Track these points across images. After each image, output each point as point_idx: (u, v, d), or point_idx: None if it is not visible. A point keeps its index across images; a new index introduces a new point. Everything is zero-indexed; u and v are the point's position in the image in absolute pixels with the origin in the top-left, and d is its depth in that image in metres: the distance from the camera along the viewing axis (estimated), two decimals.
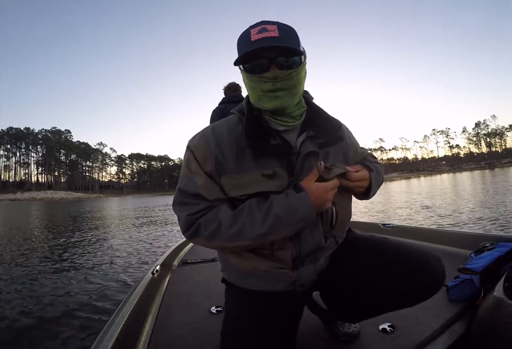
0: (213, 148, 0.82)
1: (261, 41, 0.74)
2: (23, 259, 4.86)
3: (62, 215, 16.19)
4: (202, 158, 0.83)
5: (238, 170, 0.81)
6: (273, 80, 0.76)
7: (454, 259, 1.58)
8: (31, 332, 2.25)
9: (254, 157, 0.80)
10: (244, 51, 0.75)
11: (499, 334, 0.95)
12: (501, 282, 1.07)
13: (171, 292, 1.76)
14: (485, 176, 26.46)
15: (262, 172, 0.80)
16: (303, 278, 0.88)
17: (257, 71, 0.78)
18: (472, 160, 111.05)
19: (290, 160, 0.82)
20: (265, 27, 0.75)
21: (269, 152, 0.80)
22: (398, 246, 0.88)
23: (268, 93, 0.78)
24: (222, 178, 0.82)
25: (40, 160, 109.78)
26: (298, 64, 0.79)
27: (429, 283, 0.82)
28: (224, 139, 0.83)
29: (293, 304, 0.91)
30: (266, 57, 0.76)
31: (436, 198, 11.29)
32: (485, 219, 5.77)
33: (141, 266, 4.04)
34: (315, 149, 0.83)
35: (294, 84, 0.79)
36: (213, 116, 2.27)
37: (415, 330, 1.11)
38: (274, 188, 0.79)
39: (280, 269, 0.86)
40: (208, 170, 0.82)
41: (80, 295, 2.98)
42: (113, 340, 0.99)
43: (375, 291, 0.86)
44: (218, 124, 0.89)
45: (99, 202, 30.90)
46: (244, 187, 0.80)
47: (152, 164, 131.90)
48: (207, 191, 0.82)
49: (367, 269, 0.86)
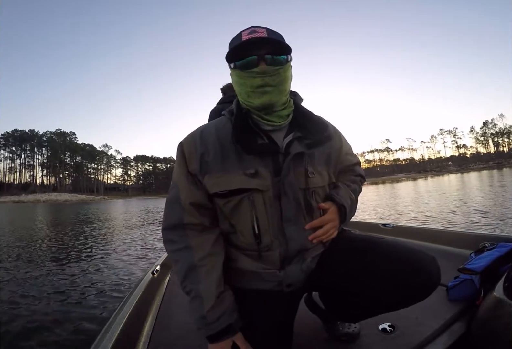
0: (199, 147, 0.87)
1: (251, 40, 0.80)
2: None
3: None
4: (188, 157, 0.88)
5: (222, 169, 0.84)
6: (262, 75, 0.81)
7: (454, 259, 1.57)
8: (30, 332, 2.25)
9: (238, 156, 0.84)
10: (236, 49, 0.82)
11: (499, 334, 0.95)
12: (501, 282, 1.07)
13: (171, 292, 1.76)
14: (499, 176, 25.56)
15: (244, 171, 0.83)
16: (289, 278, 0.87)
17: (247, 67, 0.83)
18: (480, 160, 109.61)
19: (276, 160, 0.84)
20: (255, 29, 0.83)
21: (254, 151, 0.83)
22: (391, 246, 0.87)
23: (257, 89, 0.83)
24: (206, 177, 0.86)
25: (45, 162, 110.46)
26: (285, 61, 0.84)
27: (422, 283, 0.80)
28: (210, 139, 0.87)
29: (283, 303, 0.91)
30: (255, 54, 0.82)
31: (479, 199, 9.57)
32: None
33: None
34: (303, 150, 0.85)
35: (281, 80, 0.84)
36: (212, 115, 2.26)
37: (415, 330, 1.11)
38: (255, 186, 0.82)
39: (267, 270, 0.87)
40: (192, 168, 0.87)
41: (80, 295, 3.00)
42: (113, 340, 1.00)
43: (368, 292, 0.85)
44: (207, 125, 0.93)
45: (102, 205, 30.61)
46: (225, 183, 0.83)
47: (158, 166, 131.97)
48: (186, 194, 0.87)
49: (359, 269, 0.86)
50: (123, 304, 1.32)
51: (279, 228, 0.84)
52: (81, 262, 4.64)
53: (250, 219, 0.83)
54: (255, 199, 0.82)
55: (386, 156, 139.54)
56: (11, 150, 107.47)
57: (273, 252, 0.85)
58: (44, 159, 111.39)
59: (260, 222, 0.83)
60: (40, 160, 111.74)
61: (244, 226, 0.85)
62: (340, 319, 1.10)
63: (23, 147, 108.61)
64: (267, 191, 0.83)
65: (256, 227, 0.83)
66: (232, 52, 0.84)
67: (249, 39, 0.80)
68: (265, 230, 0.84)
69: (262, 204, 0.83)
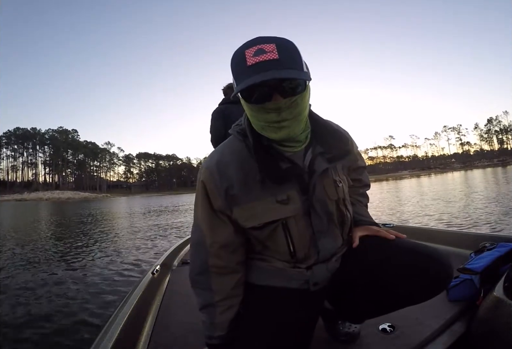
0: (221, 182, 0.81)
1: (260, 65, 0.66)
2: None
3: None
4: (212, 195, 0.83)
5: (250, 199, 0.80)
6: (276, 110, 0.70)
7: (454, 259, 1.56)
8: (30, 332, 2.25)
9: (265, 184, 0.79)
10: (242, 79, 0.68)
11: (499, 334, 0.95)
12: (501, 282, 1.07)
13: (171, 292, 1.77)
14: (504, 173, 24.99)
15: (276, 198, 0.79)
16: (316, 277, 0.87)
17: (257, 100, 0.71)
18: (483, 157, 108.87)
19: (302, 179, 0.81)
20: (262, 47, 0.67)
21: (282, 179, 0.78)
22: (405, 241, 0.87)
23: (273, 124, 0.73)
24: (234, 210, 0.82)
25: (47, 160, 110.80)
26: (303, 88, 0.71)
27: (439, 280, 0.80)
28: (230, 170, 0.81)
29: (309, 303, 0.90)
30: (267, 85, 0.68)
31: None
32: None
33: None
34: (327, 166, 0.82)
35: (300, 111, 0.73)
36: (214, 116, 2.26)
37: (415, 330, 1.11)
38: (290, 214, 0.80)
39: (295, 268, 0.86)
40: (218, 205, 0.82)
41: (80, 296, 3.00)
42: (113, 340, 1.01)
43: (383, 288, 0.84)
44: (221, 152, 0.85)
45: (104, 203, 30.16)
46: (259, 216, 0.80)
47: (160, 163, 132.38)
48: (211, 236, 0.84)
49: (377, 260, 0.85)
50: (123, 304, 1.32)
51: (312, 241, 0.83)
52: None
53: (286, 241, 0.82)
54: (289, 223, 0.81)
55: (389, 153, 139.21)
56: (13, 148, 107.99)
57: (305, 262, 0.85)
58: (46, 157, 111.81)
59: (295, 242, 0.82)
60: (43, 158, 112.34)
61: (279, 247, 0.84)
62: (345, 318, 1.09)
63: (25, 145, 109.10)
64: (298, 213, 0.81)
65: (292, 247, 0.83)
66: (236, 79, 0.72)
67: (256, 64, 0.66)
68: (299, 248, 0.83)
69: (295, 225, 0.81)
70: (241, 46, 0.70)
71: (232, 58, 0.72)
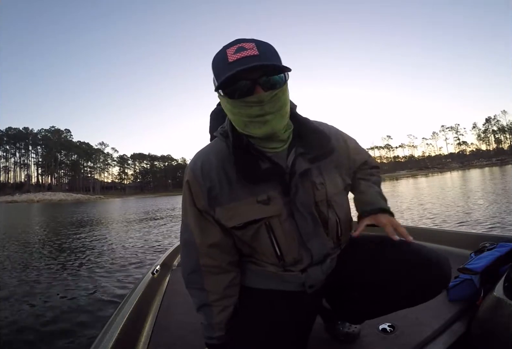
0: (204, 183, 0.82)
1: (241, 61, 0.69)
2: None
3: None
4: (195, 194, 0.84)
5: (232, 199, 0.81)
6: (259, 103, 0.71)
7: (454, 259, 1.56)
8: (29, 332, 2.24)
9: (245, 184, 0.80)
10: (224, 74, 0.70)
11: (499, 334, 0.96)
12: (501, 282, 1.07)
13: (171, 292, 1.76)
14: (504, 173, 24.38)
15: (256, 198, 0.80)
16: (312, 279, 0.87)
17: (240, 95, 0.72)
18: (482, 156, 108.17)
19: (283, 181, 0.81)
20: (242, 45, 0.71)
21: (261, 179, 0.79)
22: (404, 242, 0.87)
23: (256, 118, 0.74)
24: (217, 210, 0.83)
25: (40, 161, 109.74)
26: (283, 82, 0.75)
27: (437, 282, 0.81)
28: (213, 171, 0.83)
29: (306, 304, 0.91)
30: (248, 78, 0.70)
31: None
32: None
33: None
34: (308, 166, 0.82)
35: (281, 105, 0.75)
36: (213, 116, 2.27)
37: (415, 330, 1.11)
38: (272, 214, 0.80)
39: (287, 272, 0.86)
40: (201, 204, 0.84)
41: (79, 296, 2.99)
42: (113, 340, 1.00)
43: (381, 289, 0.85)
44: (205, 153, 0.87)
45: (95, 207, 28.50)
46: (240, 216, 0.81)
47: (155, 164, 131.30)
48: (200, 236, 0.85)
49: (374, 260, 0.86)
50: (123, 304, 1.32)
51: (300, 244, 0.83)
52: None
53: (270, 243, 0.82)
54: (272, 224, 0.81)
55: (386, 153, 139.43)
56: (5, 148, 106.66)
57: (298, 266, 0.85)
58: (39, 158, 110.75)
59: (281, 244, 0.82)
60: (35, 159, 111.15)
61: (266, 249, 0.84)
62: (344, 319, 1.09)
63: (17, 146, 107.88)
64: (282, 214, 0.81)
65: (278, 249, 0.83)
66: (217, 77, 0.73)
67: (237, 60, 0.69)
68: (286, 251, 0.83)
69: (279, 226, 0.81)
70: (222, 47, 0.74)
71: (214, 59, 0.76)
